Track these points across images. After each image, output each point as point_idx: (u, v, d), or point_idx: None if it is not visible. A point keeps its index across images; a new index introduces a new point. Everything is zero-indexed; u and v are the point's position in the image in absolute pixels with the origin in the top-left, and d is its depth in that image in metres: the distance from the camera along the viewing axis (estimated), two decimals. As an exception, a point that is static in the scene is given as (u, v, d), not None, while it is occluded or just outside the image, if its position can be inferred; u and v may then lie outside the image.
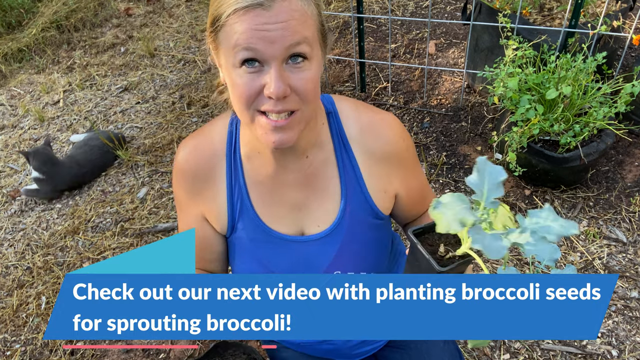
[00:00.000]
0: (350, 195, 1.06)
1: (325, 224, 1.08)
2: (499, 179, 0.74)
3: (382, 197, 1.09)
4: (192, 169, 1.06)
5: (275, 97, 0.83)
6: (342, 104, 1.07)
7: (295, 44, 0.82)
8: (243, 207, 1.07)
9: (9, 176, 3.06)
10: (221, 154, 1.05)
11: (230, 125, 1.06)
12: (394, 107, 2.98)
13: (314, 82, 0.87)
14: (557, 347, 1.87)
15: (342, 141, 1.05)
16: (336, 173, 1.05)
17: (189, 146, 1.07)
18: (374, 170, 1.06)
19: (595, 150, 2.16)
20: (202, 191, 1.07)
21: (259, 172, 1.05)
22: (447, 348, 1.27)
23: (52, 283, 2.37)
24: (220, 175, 1.06)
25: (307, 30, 0.84)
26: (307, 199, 1.07)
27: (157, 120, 3.25)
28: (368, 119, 1.06)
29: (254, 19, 0.80)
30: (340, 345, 1.25)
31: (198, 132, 1.09)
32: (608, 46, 2.53)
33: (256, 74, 0.83)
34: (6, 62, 4.03)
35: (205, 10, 4.30)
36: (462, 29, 3.45)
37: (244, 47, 0.81)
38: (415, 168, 1.13)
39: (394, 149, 1.06)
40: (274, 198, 1.07)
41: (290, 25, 0.81)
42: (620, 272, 2.06)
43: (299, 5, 0.83)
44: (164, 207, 2.65)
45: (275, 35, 0.80)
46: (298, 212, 1.08)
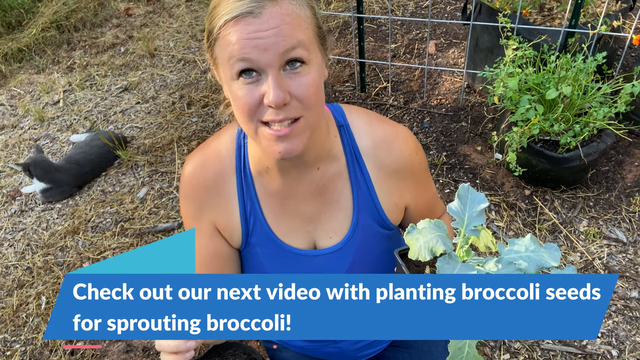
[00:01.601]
0: (362, 208, 1.05)
1: (337, 236, 1.07)
2: (480, 206, 0.74)
3: (394, 209, 1.08)
4: (202, 184, 1.04)
5: (275, 105, 0.80)
6: (354, 116, 1.06)
7: (290, 48, 0.80)
8: (256, 222, 1.06)
9: (9, 176, 3.06)
10: (230, 169, 1.03)
11: (238, 139, 1.04)
12: (394, 107, 2.98)
13: (315, 86, 0.85)
14: (557, 347, 1.87)
15: (355, 155, 1.04)
16: (348, 186, 1.04)
17: (196, 161, 1.05)
18: (387, 184, 1.05)
19: (595, 150, 2.16)
20: (214, 207, 1.05)
21: (271, 185, 1.03)
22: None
23: (52, 283, 2.37)
24: (231, 190, 1.04)
25: (302, 33, 0.82)
26: (319, 210, 1.06)
27: (157, 120, 3.25)
28: (382, 132, 1.04)
29: (245, 28, 0.78)
30: (345, 347, 1.25)
31: (204, 146, 1.07)
32: (608, 46, 2.53)
33: (254, 84, 0.82)
34: (6, 62, 4.03)
35: (206, 10, 4.30)
36: (462, 29, 3.45)
37: (239, 57, 0.80)
38: (426, 181, 1.13)
39: (407, 163, 1.05)
40: (286, 210, 1.06)
41: (282, 30, 0.79)
42: (620, 272, 2.06)
43: (290, 9, 0.81)
44: (164, 207, 2.65)
45: (268, 42, 0.78)
46: (310, 223, 1.07)
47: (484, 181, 2.46)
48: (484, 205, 0.74)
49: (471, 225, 0.74)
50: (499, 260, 0.71)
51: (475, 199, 0.75)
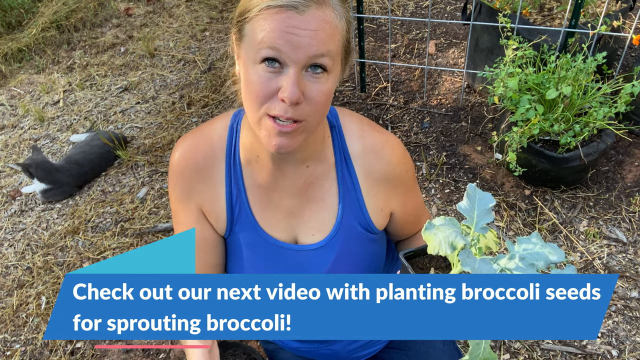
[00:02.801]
0: (347, 210, 1.06)
1: (320, 234, 1.08)
2: (488, 205, 0.77)
3: (379, 214, 1.10)
4: (191, 166, 1.04)
5: (289, 101, 0.81)
6: (347, 119, 1.07)
7: (319, 54, 0.81)
8: (242, 210, 1.06)
9: (9, 176, 3.06)
10: (221, 155, 1.04)
11: (231, 127, 1.05)
12: (394, 107, 2.98)
13: (328, 95, 0.87)
14: (557, 347, 1.87)
15: (344, 157, 1.05)
16: (335, 186, 1.05)
17: (188, 144, 1.05)
18: (373, 190, 1.07)
19: (595, 150, 2.16)
20: (201, 191, 1.06)
21: (258, 176, 1.04)
22: (447, 349, 1.27)
23: (52, 283, 2.37)
24: (219, 176, 1.05)
25: (334, 44, 0.83)
26: (303, 206, 1.07)
27: (157, 120, 3.25)
28: (372, 139, 1.05)
29: (285, 20, 0.79)
30: (339, 349, 1.25)
31: (197, 131, 1.08)
32: (608, 46, 2.53)
33: (274, 74, 0.82)
34: (6, 62, 4.03)
35: (206, 10, 4.30)
36: (462, 29, 3.45)
37: (269, 45, 0.80)
38: (413, 190, 1.15)
39: (394, 171, 1.06)
40: (271, 202, 1.06)
41: (319, 35, 0.80)
42: (620, 272, 2.06)
43: (331, 17, 0.82)
44: (164, 207, 2.65)
45: (302, 41, 0.79)
46: (293, 218, 1.08)
47: (484, 181, 2.46)
48: (492, 204, 0.76)
49: (480, 223, 0.76)
50: (512, 256, 0.73)
51: (483, 198, 0.77)
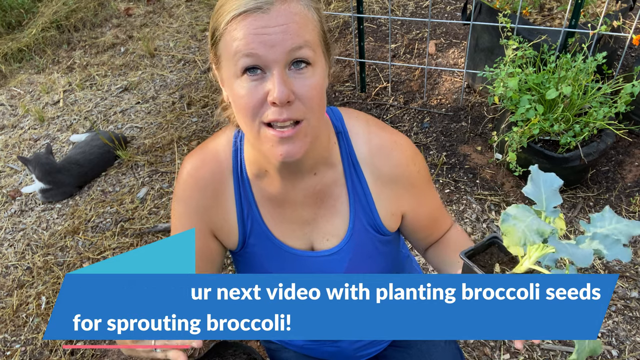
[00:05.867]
0: (358, 214, 1.05)
1: (334, 239, 1.07)
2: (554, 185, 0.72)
3: (390, 217, 1.08)
4: (200, 184, 1.04)
5: (279, 102, 0.79)
6: (353, 122, 1.05)
7: (297, 47, 0.79)
8: (254, 224, 1.06)
9: (9, 176, 3.06)
10: (228, 171, 1.03)
11: (235, 142, 1.04)
12: (394, 107, 2.98)
13: (319, 89, 0.84)
14: (557, 347, 1.87)
15: (352, 162, 1.03)
16: (345, 193, 1.04)
17: (195, 161, 1.04)
18: (384, 192, 1.05)
19: (595, 150, 2.16)
20: (210, 208, 1.05)
21: (268, 190, 1.03)
22: (448, 348, 1.27)
23: (52, 283, 2.37)
24: (228, 192, 1.04)
25: (309, 34, 0.82)
26: (316, 214, 1.06)
27: (157, 120, 3.25)
28: (379, 140, 1.03)
29: (253, 23, 0.78)
30: (344, 347, 1.25)
31: (202, 147, 1.06)
32: (608, 46, 2.53)
33: (258, 81, 0.81)
34: (6, 62, 4.03)
35: (206, 10, 4.30)
36: (462, 29, 3.45)
37: (245, 53, 0.79)
38: (427, 192, 1.11)
39: (404, 172, 1.04)
40: (284, 215, 1.06)
41: (290, 28, 0.79)
42: (620, 272, 2.05)
43: (298, 8, 0.81)
44: (164, 207, 2.65)
45: (275, 38, 0.78)
46: (307, 226, 1.07)
47: (484, 181, 2.46)
48: (558, 184, 0.71)
49: (551, 206, 0.71)
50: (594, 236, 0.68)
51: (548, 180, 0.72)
